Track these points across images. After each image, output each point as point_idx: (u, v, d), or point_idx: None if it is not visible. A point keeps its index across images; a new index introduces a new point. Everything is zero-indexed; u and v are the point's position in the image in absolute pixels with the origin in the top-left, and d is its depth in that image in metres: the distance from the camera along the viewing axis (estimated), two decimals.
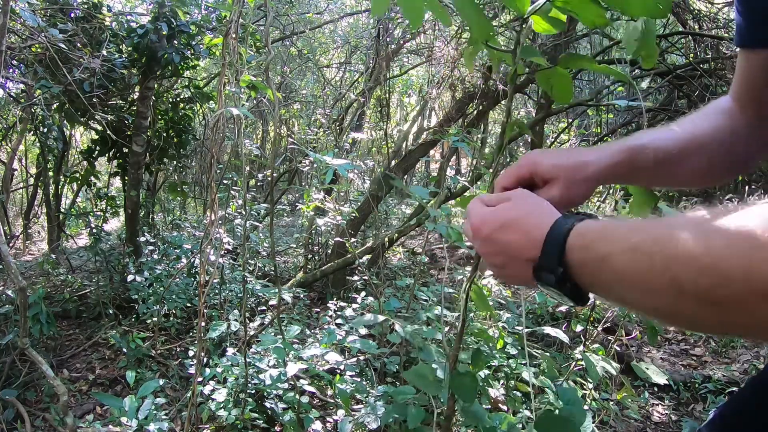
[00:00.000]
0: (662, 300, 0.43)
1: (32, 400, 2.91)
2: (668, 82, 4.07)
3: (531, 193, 0.62)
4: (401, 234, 4.37)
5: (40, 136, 4.67)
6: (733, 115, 0.74)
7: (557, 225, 0.52)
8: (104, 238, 4.29)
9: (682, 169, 0.72)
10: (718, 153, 0.72)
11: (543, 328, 2.13)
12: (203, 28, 4.06)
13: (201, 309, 2.08)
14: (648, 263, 0.42)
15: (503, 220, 0.58)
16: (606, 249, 0.47)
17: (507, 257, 0.57)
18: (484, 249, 0.60)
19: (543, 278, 0.52)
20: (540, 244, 0.52)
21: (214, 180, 2.15)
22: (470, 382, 0.93)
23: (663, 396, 3.15)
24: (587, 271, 0.49)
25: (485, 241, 0.59)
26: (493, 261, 0.59)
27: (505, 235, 0.57)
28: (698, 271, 0.39)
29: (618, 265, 0.45)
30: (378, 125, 6.81)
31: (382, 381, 2.59)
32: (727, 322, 0.40)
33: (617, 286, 0.47)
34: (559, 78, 0.75)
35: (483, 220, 0.60)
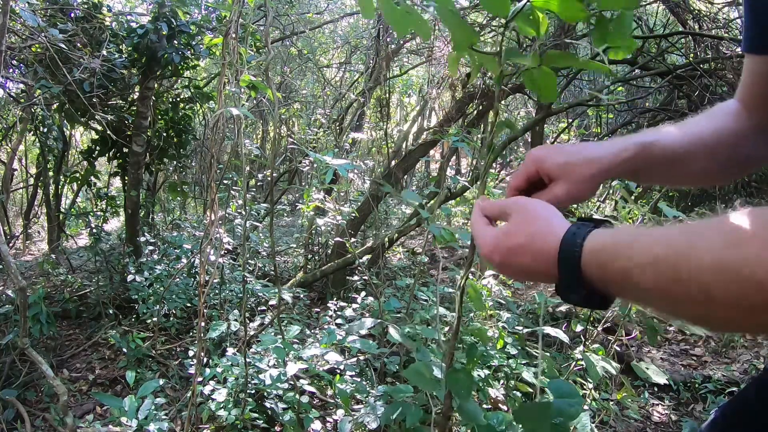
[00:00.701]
0: (693, 308, 0.43)
1: (32, 400, 2.91)
2: (668, 82, 4.07)
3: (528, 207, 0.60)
4: (401, 234, 4.37)
5: (40, 136, 4.67)
6: (739, 117, 0.74)
7: (567, 244, 0.51)
8: (104, 238, 4.29)
9: (689, 168, 0.72)
10: (724, 154, 0.73)
11: (543, 328, 2.14)
12: (203, 28, 4.06)
13: (201, 309, 2.08)
14: (673, 273, 0.42)
15: (510, 246, 0.57)
16: (625, 265, 0.46)
17: (529, 276, 0.58)
18: (504, 272, 0.60)
19: (569, 299, 0.53)
20: (554, 265, 0.52)
21: (214, 180, 2.15)
22: (465, 379, 0.93)
23: (663, 396, 3.15)
24: (610, 287, 0.49)
25: (501, 266, 0.59)
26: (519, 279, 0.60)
27: (518, 260, 0.56)
28: (729, 279, 0.39)
29: (641, 279, 0.45)
30: (378, 125, 6.81)
31: (382, 381, 2.59)
32: (764, 325, 0.40)
33: (645, 296, 0.46)
34: (544, 77, 0.76)
35: (491, 248, 0.59)
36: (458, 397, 0.94)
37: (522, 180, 0.70)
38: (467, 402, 1.06)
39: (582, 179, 0.66)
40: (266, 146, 8.50)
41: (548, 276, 0.53)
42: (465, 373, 0.94)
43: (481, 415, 1.11)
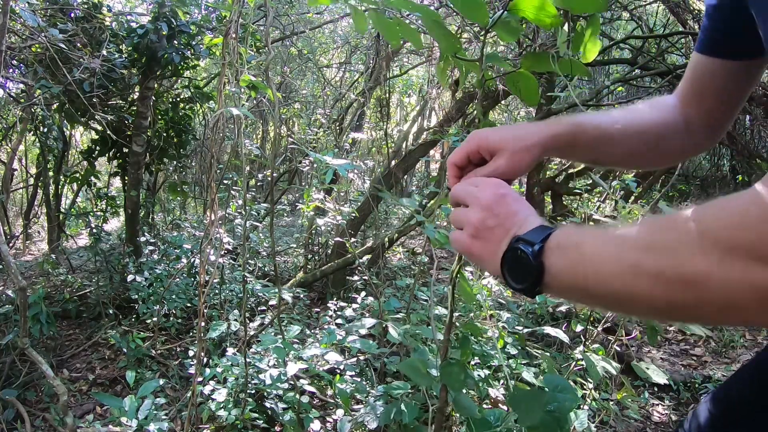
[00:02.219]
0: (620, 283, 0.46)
1: (32, 400, 2.91)
2: (668, 82, 4.07)
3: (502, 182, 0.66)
4: (401, 234, 4.38)
5: (40, 136, 4.67)
6: (675, 111, 0.81)
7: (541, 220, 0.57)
8: (104, 238, 4.29)
9: (618, 150, 0.78)
10: (655, 142, 0.79)
11: (543, 328, 2.14)
12: (203, 28, 4.06)
13: (201, 309, 2.08)
14: (615, 250, 0.47)
15: (502, 194, 0.62)
16: (582, 237, 0.51)
17: (492, 223, 0.60)
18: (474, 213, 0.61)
19: (518, 249, 0.54)
20: (527, 221, 0.57)
21: (214, 180, 2.15)
22: (459, 371, 0.94)
23: (663, 396, 3.15)
24: (559, 253, 0.52)
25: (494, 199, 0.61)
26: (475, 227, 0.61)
27: (499, 207, 0.60)
28: (658, 254, 0.44)
29: (589, 250, 0.49)
30: (378, 125, 6.82)
31: (382, 381, 2.59)
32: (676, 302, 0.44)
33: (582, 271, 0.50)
34: (525, 80, 0.78)
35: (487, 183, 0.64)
36: (452, 389, 0.95)
37: (462, 156, 0.73)
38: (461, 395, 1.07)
39: (519, 149, 0.70)
40: (266, 146, 8.50)
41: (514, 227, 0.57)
42: (458, 366, 0.95)
43: (475, 408, 1.12)
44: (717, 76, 0.76)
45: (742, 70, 0.74)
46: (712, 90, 0.77)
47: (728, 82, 0.76)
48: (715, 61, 0.75)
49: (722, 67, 0.75)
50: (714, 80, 0.76)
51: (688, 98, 0.80)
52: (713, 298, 0.41)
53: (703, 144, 0.84)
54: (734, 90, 0.77)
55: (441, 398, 0.98)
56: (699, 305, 0.42)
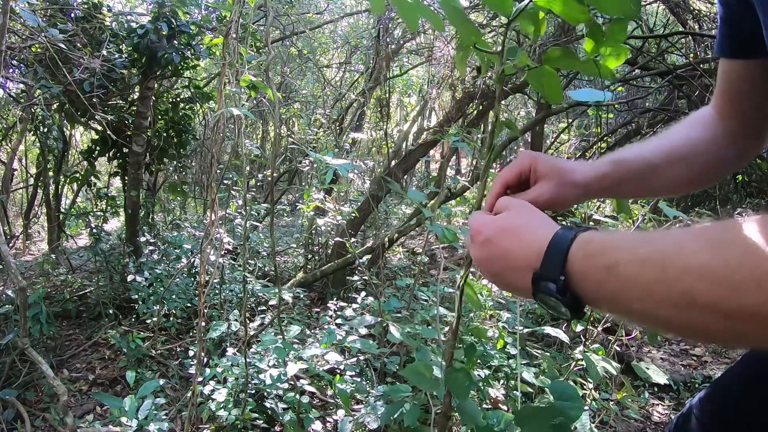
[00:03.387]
0: (672, 311, 0.42)
1: (32, 400, 2.91)
2: (668, 82, 4.07)
3: (531, 205, 0.62)
4: (401, 234, 4.38)
5: (40, 136, 4.67)
6: (712, 125, 0.78)
7: (559, 233, 0.52)
8: (104, 238, 4.29)
9: (663, 179, 0.75)
10: (697, 162, 0.76)
11: (543, 328, 2.14)
12: (203, 28, 4.06)
13: (201, 309, 2.08)
14: (659, 273, 0.42)
15: (503, 226, 0.58)
16: (613, 258, 0.46)
17: (505, 264, 0.56)
18: (482, 253, 0.59)
19: (542, 288, 0.51)
20: (541, 251, 0.52)
21: (214, 180, 2.15)
22: (464, 378, 0.93)
23: (663, 396, 3.15)
24: (591, 280, 0.48)
25: (484, 244, 0.59)
26: (491, 268, 0.58)
27: (504, 240, 0.56)
28: (711, 283, 0.39)
29: (626, 274, 0.44)
30: (378, 125, 6.81)
31: (382, 381, 2.59)
32: (739, 333, 0.40)
33: (624, 296, 0.45)
34: (548, 77, 0.76)
35: (483, 223, 0.60)
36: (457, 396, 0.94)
37: (514, 174, 0.73)
38: (466, 401, 1.06)
39: (566, 183, 0.70)
40: (266, 146, 8.50)
41: (527, 265, 0.53)
42: (464, 373, 0.94)
43: (480, 415, 1.11)
44: (746, 79, 0.72)
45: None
46: (745, 94, 0.74)
47: (760, 83, 0.72)
48: (740, 63, 0.72)
49: (748, 67, 0.71)
50: (744, 83, 0.73)
51: (723, 108, 0.77)
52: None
53: (747, 153, 0.79)
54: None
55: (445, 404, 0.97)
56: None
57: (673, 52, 4.96)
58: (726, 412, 0.67)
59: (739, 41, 0.70)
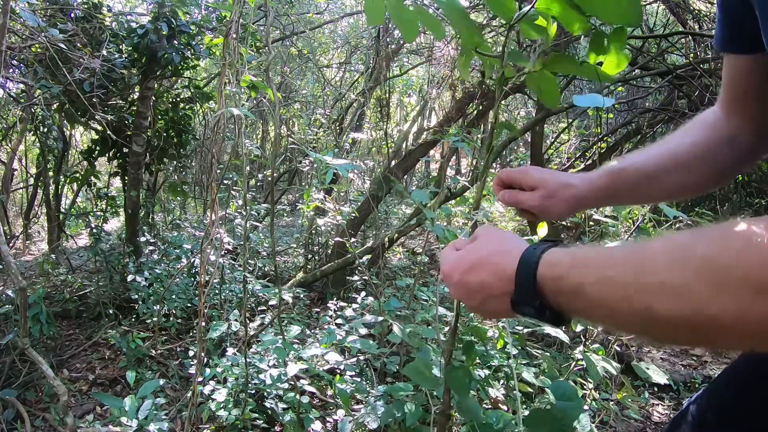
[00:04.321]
0: (639, 325, 0.44)
1: (32, 400, 2.91)
2: (668, 82, 4.07)
3: (496, 228, 0.64)
4: (401, 234, 4.37)
5: (40, 136, 4.67)
6: (714, 126, 0.76)
7: (525, 257, 0.53)
8: (104, 238, 4.29)
9: (662, 185, 0.75)
10: (696, 167, 0.75)
11: (543, 328, 2.13)
12: (203, 28, 4.06)
13: (201, 309, 2.08)
14: (622, 292, 0.44)
15: (471, 261, 0.59)
16: (578, 279, 0.48)
17: (483, 296, 0.58)
18: (459, 293, 0.61)
19: (522, 311, 0.53)
20: (512, 279, 0.53)
21: (215, 180, 2.15)
22: (464, 376, 0.94)
23: (663, 396, 3.15)
24: (563, 300, 0.50)
25: (458, 285, 0.60)
26: (471, 303, 0.60)
27: (476, 276, 0.58)
28: (672, 298, 0.41)
29: (592, 295, 0.46)
30: (378, 125, 6.81)
31: (382, 381, 2.59)
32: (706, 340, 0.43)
33: (594, 313, 0.48)
34: (546, 81, 0.77)
35: (452, 266, 0.61)
36: (457, 394, 0.94)
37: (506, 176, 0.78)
38: (466, 399, 1.07)
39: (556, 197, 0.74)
40: (266, 146, 8.50)
41: (503, 292, 0.54)
42: (464, 370, 0.95)
43: (480, 413, 1.12)
44: (748, 73, 0.70)
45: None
46: (751, 91, 0.71)
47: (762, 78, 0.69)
48: (741, 58, 0.70)
49: (749, 62, 0.69)
50: (749, 80, 0.70)
51: (729, 106, 0.75)
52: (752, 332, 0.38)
53: (756, 154, 0.77)
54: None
55: (445, 402, 0.98)
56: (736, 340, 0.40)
57: (673, 52, 4.96)
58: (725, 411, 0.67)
59: (737, 35, 0.68)
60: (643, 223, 2.00)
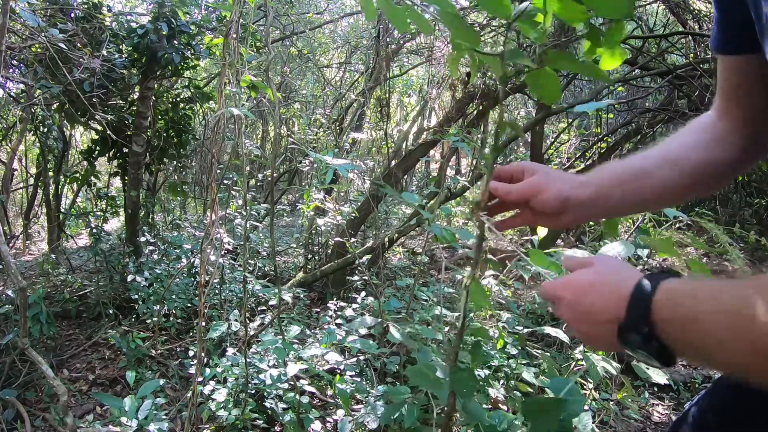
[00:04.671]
0: (747, 359, 0.44)
1: (32, 400, 2.91)
2: (668, 82, 4.07)
3: (612, 257, 0.64)
4: (401, 234, 4.37)
5: (40, 136, 4.67)
6: (709, 128, 0.76)
7: (642, 283, 0.52)
8: (104, 238, 4.29)
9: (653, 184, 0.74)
10: (689, 167, 0.74)
11: (543, 328, 2.14)
12: (203, 28, 4.06)
13: (201, 309, 2.08)
14: (741, 325, 0.44)
15: (586, 282, 0.58)
16: (695, 309, 0.47)
17: (591, 321, 0.57)
18: (568, 314, 0.60)
19: (628, 339, 0.52)
20: (624, 303, 0.52)
21: (215, 180, 2.15)
22: (469, 378, 0.93)
23: (663, 396, 3.15)
24: (674, 330, 0.49)
25: (569, 306, 0.59)
26: (580, 327, 0.59)
27: (588, 297, 0.57)
28: None
29: (708, 325, 0.46)
30: (378, 125, 6.81)
31: (382, 381, 2.59)
32: None
33: (704, 345, 0.47)
34: (547, 78, 0.77)
35: (565, 285, 0.60)
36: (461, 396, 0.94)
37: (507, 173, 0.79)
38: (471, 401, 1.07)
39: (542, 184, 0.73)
40: (266, 146, 8.50)
41: (612, 318, 0.54)
42: (468, 372, 0.94)
43: (484, 415, 1.12)
44: (743, 74, 0.70)
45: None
46: (745, 93, 0.71)
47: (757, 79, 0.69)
48: (736, 59, 0.69)
49: (743, 63, 0.69)
50: (742, 79, 0.70)
51: (723, 109, 0.75)
52: None
53: (750, 156, 0.77)
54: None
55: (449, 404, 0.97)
56: None
57: (673, 52, 4.96)
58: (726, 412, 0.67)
59: (733, 37, 0.68)
60: (643, 224, 2.00)
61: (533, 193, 0.73)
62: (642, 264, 2.02)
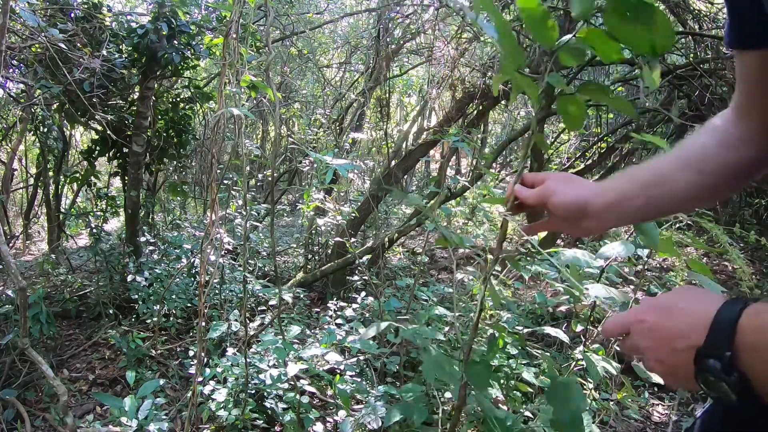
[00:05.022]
0: None
1: (32, 400, 2.91)
2: (668, 82, 4.07)
3: (693, 286, 0.61)
4: (401, 234, 4.37)
5: (40, 136, 4.66)
6: (726, 127, 0.73)
7: (726, 307, 0.50)
8: (104, 238, 4.29)
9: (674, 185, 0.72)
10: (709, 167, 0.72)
11: (543, 328, 2.14)
12: (203, 28, 4.06)
13: (201, 309, 2.08)
14: None
15: (666, 305, 0.56)
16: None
17: (670, 347, 0.54)
18: (647, 341, 0.57)
19: (705, 366, 0.49)
20: (706, 326, 0.50)
21: (215, 180, 2.15)
22: (484, 370, 0.95)
23: (663, 396, 3.15)
24: (760, 357, 0.46)
25: (649, 331, 0.57)
26: (656, 355, 0.56)
27: (667, 321, 0.55)
28: None
29: None
30: (378, 125, 6.81)
31: (382, 381, 2.59)
32: None
33: None
34: (576, 106, 0.81)
35: (648, 306, 0.58)
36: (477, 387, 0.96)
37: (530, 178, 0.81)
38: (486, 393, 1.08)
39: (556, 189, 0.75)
40: (266, 146, 8.50)
41: (692, 344, 0.51)
42: (484, 364, 0.96)
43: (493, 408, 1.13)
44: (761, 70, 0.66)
45: None
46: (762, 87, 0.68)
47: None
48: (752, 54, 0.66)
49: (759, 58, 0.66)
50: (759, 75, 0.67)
51: (743, 107, 0.72)
52: None
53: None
54: None
55: (460, 397, 0.99)
56: None
57: (673, 52, 4.96)
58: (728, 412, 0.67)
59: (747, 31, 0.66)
60: None
61: (545, 195, 0.75)
62: (642, 264, 2.01)
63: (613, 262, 1.82)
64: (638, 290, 1.96)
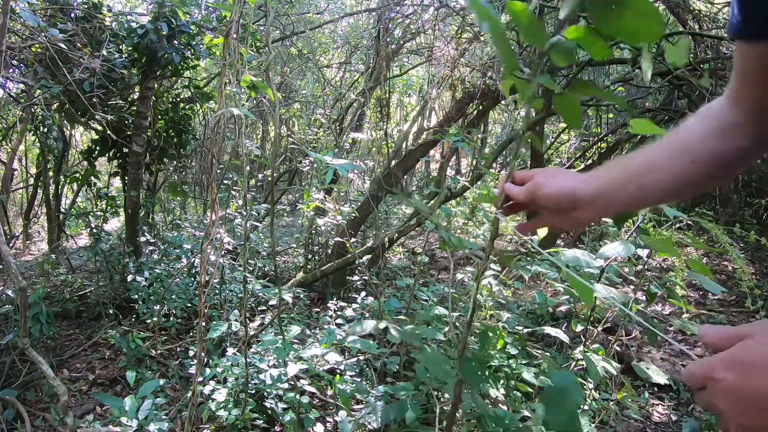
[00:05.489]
0: None
1: (32, 400, 2.91)
2: (668, 82, 4.07)
3: None
4: (401, 234, 4.37)
5: (40, 136, 4.66)
6: (719, 116, 0.73)
7: None
8: (104, 238, 4.29)
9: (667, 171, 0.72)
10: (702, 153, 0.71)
11: (543, 328, 2.14)
12: (203, 28, 4.06)
13: (201, 309, 2.08)
14: None
15: (750, 360, 0.48)
16: None
17: (756, 409, 0.47)
18: (728, 402, 0.49)
19: None
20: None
21: (215, 180, 2.15)
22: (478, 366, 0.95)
23: (663, 396, 3.15)
24: None
25: (730, 391, 0.48)
26: (740, 419, 0.48)
27: (755, 379, 0.47)
28: None
29: None
30: (378, 125, 6.81)
31: (382, 381, 2.59)
32: None
33: None
34: (569, 104, 0.83)
35: (726, 362, 0.50)
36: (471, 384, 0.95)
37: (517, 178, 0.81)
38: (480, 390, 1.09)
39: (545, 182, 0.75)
40: (266, 146, 8.50)
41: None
42: (477, 361, 0.96)
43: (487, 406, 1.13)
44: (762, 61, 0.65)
45: None
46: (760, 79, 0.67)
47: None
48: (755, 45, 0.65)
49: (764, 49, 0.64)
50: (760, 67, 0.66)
51: (738, 95, 0.71)
52: None
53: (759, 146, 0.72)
54: None
55: (456, 394, 0.98)
56: None
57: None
58: None
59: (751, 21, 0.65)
60: (643, 224, 2.00)
61: (533, 189, 0.75)
62: (642, 264, 2.02)
63: (613, 262, 1.82)
64: (638, 290, 1.96)
